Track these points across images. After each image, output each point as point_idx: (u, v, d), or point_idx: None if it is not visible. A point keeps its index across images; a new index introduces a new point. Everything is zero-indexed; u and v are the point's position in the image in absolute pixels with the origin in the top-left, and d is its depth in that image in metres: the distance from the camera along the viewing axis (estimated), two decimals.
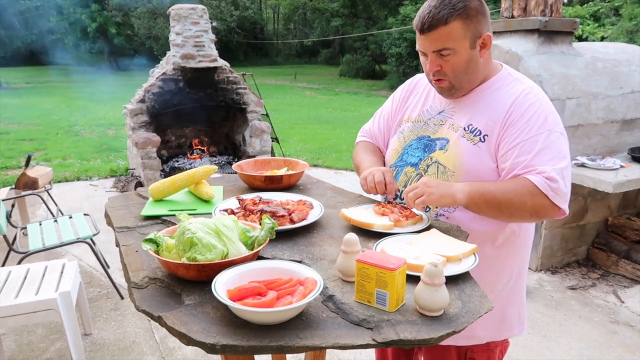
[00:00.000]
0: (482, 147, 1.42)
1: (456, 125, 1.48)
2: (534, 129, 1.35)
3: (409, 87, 1.70)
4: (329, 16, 28.21)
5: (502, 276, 1.53)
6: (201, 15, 6.06)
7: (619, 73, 3.91)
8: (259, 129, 6.40)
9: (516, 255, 1.54)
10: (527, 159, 1.33)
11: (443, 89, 1.47)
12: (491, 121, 1.42)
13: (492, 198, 1.32)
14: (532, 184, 1.30)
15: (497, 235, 1.47)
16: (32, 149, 8.52)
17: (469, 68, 1.41)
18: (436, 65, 1.41)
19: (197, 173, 1.67)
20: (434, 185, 1.32)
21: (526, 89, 1.42)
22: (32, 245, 3.21)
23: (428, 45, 1.39)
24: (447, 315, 0.98)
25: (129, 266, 1.19)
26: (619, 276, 3.80)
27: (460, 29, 1.35)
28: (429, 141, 1.53)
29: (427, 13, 1.36)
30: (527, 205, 1.31)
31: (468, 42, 1.37)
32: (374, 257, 1.02)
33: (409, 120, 1.63)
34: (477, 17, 1.36)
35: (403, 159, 1.58)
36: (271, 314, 0.93)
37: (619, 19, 11.79)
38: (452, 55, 1.37)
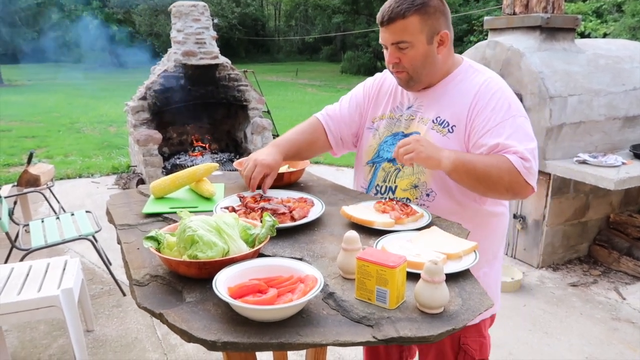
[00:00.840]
0: (451, 138, 1.50)
1: (425, 119, 1.56)
2: (500, 115, 1.43)
3: (379, 82, 1.76)
4: (331, 13, 28.17)
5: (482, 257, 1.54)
6: (202, 12, 6.05)
7: (621, 70, 3.89)
8: (260, 126, 6.40)
9: (494, 235, 1.61)
10: (500, 143, 1.40)
11: (402, 80, 1.54)
12: (457, 112, 1.50)
13: (473, 169, 1.38)
14: (510, 162, 1.37)
15: (473, 217, 1.53)
16: (34, 146, 8.54)
17: (426, 62, 1.48)
18: (395, 57, 1.49)
19: (198, 171, 1.67)
20: (424, 145, 1.36)
21: (487, 79, 1.50)
22: (34, 242, 3.22)
23: (387, 37, 1.47)
24: (447, 312, 0.98)
25: (130, 263, 1.19)
26: (620, 273, 3.80)
27: (418, 24, 1.43)
28: (403, 136, 1.59)
29: (387, 7, 1.45)
30: (504, 181, 1.37)
31: (425, 37, 1.45)
32: (375, 254, 1.02)
33: (383, 117, 1.69)
34: (436, 15, 1.45)
35: (380, 155, 1.65)
36: (272, 311, 0.93)
37: (622, 15, 11.73)
38: (409, 48, 1.45)
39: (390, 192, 1.60)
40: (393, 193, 1.59)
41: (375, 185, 1.65)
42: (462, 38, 17.02)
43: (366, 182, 1.70)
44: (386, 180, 1.62)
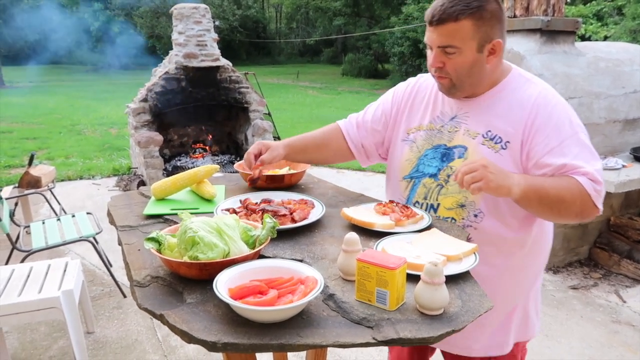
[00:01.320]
0: (504, 155, 1.37)
1: (472, 132, 1.43)
2: (563, 132, 1.33)
3: (413, 89, 1.63)
4: (332, 15, 28.20)
5: (528, 279, 1.53)
6: (204, 15, 6.07)
7: (622, 73, 3.90)
8: (261, 128, 6.41)
9: (540, 256, 1.53)
10: (567, 163, 1.30)
11: (443, 86, 1.43)
12: (511, 127, 1.37)
13: (545, 195, 1.27)
14: (581, 185, 1.27)
15: (526, 240, 1.44)
16: (35, 147, 8.55)
17: (472, 71, 1.36)
18: (439, 61, 1.37)
19: (199, 172, 1.68)
20: (494, 172, 1.21)
21: (542, 92, 1.39)
22: (35, 244, 3.22)
23: (434, 39, 1.35)
24: (447, 314, 0.98)
25: (131, 265, 1.20)
26: (621, 276, 3.79)
27: (470, 29, 1.30)
28: (446, 150, 1.46)
29: (439, 6, 1.31)
30: (576, 205, 1.28)
31: (476, 44, 1.32)
32: (375, 256, 1.03)
33: (420, 128, 1.55)
34: (491, 21, 1.32)
35: (419, 169, 1.52)
36: (272, 313, 0.93)
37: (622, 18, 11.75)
38: (456, 54, 1.33)
39: (432, 210, 1.48)
40: (435, 211, 1.47)
41: (414, 202, 1.52)
42: None
43: (403, 198, 1.56)
44: (427, 198, 1.49)
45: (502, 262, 1.44)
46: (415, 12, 18.25)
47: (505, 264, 1.45)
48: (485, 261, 1.34)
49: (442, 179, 1.46)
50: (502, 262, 1.44)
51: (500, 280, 1.45)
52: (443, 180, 1.45)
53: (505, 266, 1.45)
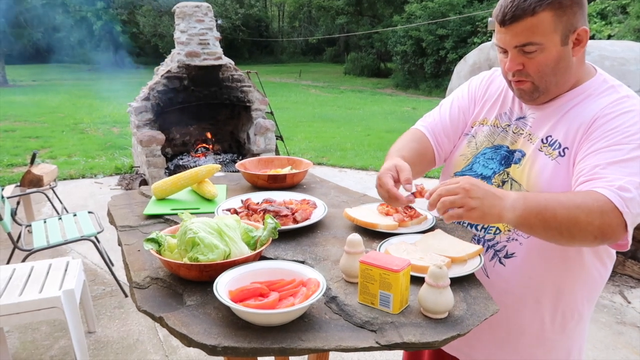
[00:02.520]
0: (562, 163, 1.20)
1: (534, 136, 1.27)
2: (619, 137, 1.12)
3: (488, 80, 1.46)
4: (334, 14, 28.20)
5: (575, 310, 1.32)
6: (206, 13, 6.05)
7: (627, 71, 3.87)
8: (263, 127, 6.40)
9: (589, 289, 1.32)
10: (599, 164, 1.10)
11: (524, 91, 1.24)
12: (572, 131, 1.20)
13: (551, 217, 1.04)
14: (604, 197, 1.03)
15: (577, 261, 1.26)
16: (38, 146, 8.56)
17: (558, 68, 1.19)
18: (517, 63, 1.20)
19: (200, 172, 1.66)
20: (479, 196, 1.03)
21: (622, 98, 1.19)
22: (36, 243, 3.21)
23: (509, 39, 1.18)
24: (452, 317, 0.96)
25: (130, 266, 1.18)
26: (625, 276, 3.77)
27: (551, 21, 1.14)
28: (508, 152, 1.32)
29: (510, 2, 1.15)
30: (594, 225, 1.03)
31: (559, 37, 1.15)
32: (378, 258, 1.01)
33: (484, 122, 1.40)
34: (573, 8, 1.15)
35: (473, 168, 1.37)
36: (273, 316, 0.91)
37: (627, 16, 11.70)
38: (538, 52, 1.16)
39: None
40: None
41: None
42: (466, 39, 17.01)
43: None
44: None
45: (543, 285, 1.28)
46: (417, 11, 18.21)
47: (546, 289, 1.29)
48: (524, 280, 1.26)
49: (496, 184, 1.31)
50: (543, 286, 1.28)
51: (538, 306, 1.30)
52: (496, 185, 1.30)
53: (545, 291, 1.29)
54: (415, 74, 19.45)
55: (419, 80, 19.23)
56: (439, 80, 18.08)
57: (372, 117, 12.39)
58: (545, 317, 1.31)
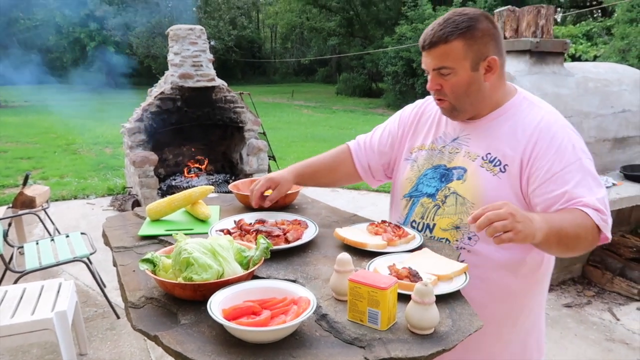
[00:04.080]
0: (503, 178, 1.37)
1: (473, 154, 1.43)
2: (565, 158, 1.30)
3: (420, 109, 1.64)
4: (326, 35, 28.56)
5: (524, 307, 1.49)
6: (199, 36, 6.15)
7: (610, 92, 3.98)
8: (256, 147, 6.45)
9: (537, 284, 1.50)
10: (568, 191, 1.27)
11: (444, 109, 1.44)
12: (511, 150, 1.37)
13: (565, 236, 1.22)
14: (590, 219, 1.24)
15: (520, 266, 1.41)
16: (30, 167, 8.54)
17: (470, 91, 1.37)
18: (436, 84, 1.39)
19: (194, 193, 1.70)
20: (521, 220, 1.12)
21: (545, 115, 1.37)
22: (28, 265, 3.21)
23: (429, 62, 1.38)
24: (437, 333, 1.00)
25: (126, 286, 1.21)
26: (614, 294, 3.81)
27: (461, 49, 1.32)
28: (446, 170, 1.47)
29: (430, 30, 1.35)
30: (589, 239, 1.26)
31: (469, 63, 1.34)
32: (366, 276, 1.04)
33: (422, 148, 1.57)
34: (484, 39, 1.33)
35: (418, 189, 1.53)
36: (265, 333, 0.94)
37: (611, 38, 11.98)
38: (452, 75, 1.35)
39: (428, 230, 1.48)
40: (431, 231, 1.47)
41: (412, 221, 1.53)
42: None
43: (402, 217, 1.58)
44: (424, 217, 1.49)
45: (495, 287, 1.41)
46: (408, 32, 18.50)
47: (499, 290, 1.42)
48: (477, 286, 1.33)
49: (440, 199, 1.46)
50: (496, 288, 1.42)
51: (492, 304, 1.42)
52: (440, 200, 1.46)
53: (497, 290, 1.42)
54: (407, 94, 19.65)
55: (410, 100, 18.99)
56: None
57: None
58: (499, 316, 1.43)
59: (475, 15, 1.34)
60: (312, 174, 1.69)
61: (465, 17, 1.33)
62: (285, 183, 1.61)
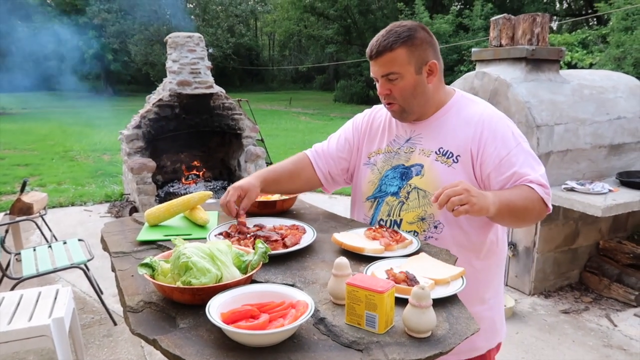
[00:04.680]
0: (457, 168, 1.52)
1: (427, 150, 1.58)
2: (508, 144, 1.49)
3: (370, 117, 1.78)
4: (324, 43, 28.65)
5: (490, 286, 1.63)
6: (197, 43, 6.17)
7: (605, 100, 4.00)
8: (254, 154, 6.46)
9: (497, 263, 1.65)
10: (516, 172, 1.46)
11: (395, 112, 1.58)
12: (461, 142, 1.52)
13: (515, 208, 1.41)
14: (535, 192, 1.43)
15: (481, 247, 1.56)
16: (27, 174, 8.52)
17: (416, 92, 1.52)
18: (386, 89, 1.52)
19: (193, 199, 1.70)
20: (476, 195, 1.30)
21: (485, 109, 1.56)
22: (25, 271, 3.20)
23: (377, 70, 1.52)
24: (434, 336, 1.00)
25: (124, 290, 1.21)
26: (611, 300, 3.82)
27: (405, 56, 1.47)
28: (405, 169, 1.60)
29: (375, 41, 1.50)
30: (536, 210, 1.44)
31: (413, 67, 1.49)
32: (364, 280, 1.05)
33: (379, 152, 1.69)
34: (423, 46, 1.49)
35: (382, 189, 1.65)
36: (263, 336, 0.95)
37: (607, 46, 12.06)
38: (399, 79, 1.49)
39: (396, 226, 1.59)
40: (399, 227, 1.58)
41: (379, 220, 1.63)
42: (453, 68, 17.34)
43: (367, 217, 1.68)
44: (390, 214, 1.60)
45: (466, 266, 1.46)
46: None
47: (466, 271, 1.45)
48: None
49: (403, 196, 1.58)
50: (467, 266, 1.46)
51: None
52: (404, 197, 1.58)
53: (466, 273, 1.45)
54: None
55: None
56: None
57: None
58: (468, 294, 1.44)
59: (413, 26, 1.50)
60: (275, 180, 1.72)
61: (405, 28, 1.49)
62: (254, 189, 1.62)
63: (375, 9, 26.60)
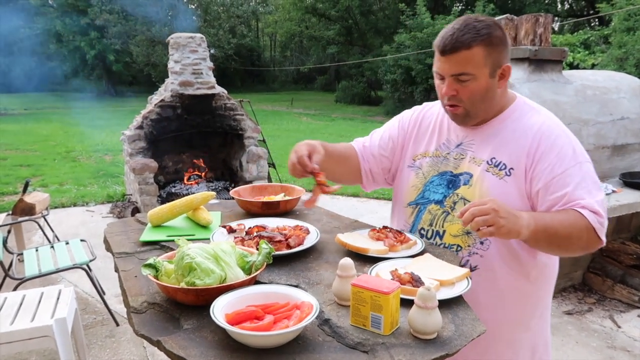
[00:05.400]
0: (509, 181, 1.38)
1: (478, 159, 1.44)
2: (566, 161, 1.33)
3: (419, 116, 1.64)
4: (325, 44, 28.66)
5: (536, 310, 1.51)
6: (199, 44, 6.17)
7: (608, 100, 3.99)
8: (255, 154, 6.46)
9: (547, 287, 1.52)
10: (568, 193, 1.30)
11: (457, 115, 1.42)
12: (515, 154, 1.38)
13: (554, 234, 1.26)
14: (586, 220, 1.27)
15: (531, 269, 1.43)
16: (29, 174, 8.53)
17: (486, 97, 1.38)
18: (452, 89, 1.37)
19: (196, 199, 1.70)
20: (504, 216, 1.17)
21: (546, 120, 1.40)
22: (28, 272, 3.20)
23: (447, 68, 1.35)
24: (440, 338, 1.00)
25: (128, 291, 1.21)
26: (615, 301, 3.80)
27: (482, 56, 1.32)
28: (453, 177, 1.47)
29: (450, 35, 1.32)
30: (583, 240, 1.29)
31: (488, 70, 1.34)
32: (369, 281, 1.05)
33: (426, 155, 1.56)
34: (500, 47, 1.34)
35: (425, 196, 1.52)
36: (268, 338, 0.94)
37: (609, 46, 12.04)
38: (471, 81, 1.34)
39: (438, 237, 1.48)
40: (441, 238, 1.47)
41: (420, 228, 1.52)
42: None
43: (408, 224, 1.57)
44: (433, 224, 1.49)
45: (508, 291, 1.43)
46: (407, 41, 18.57)
47: (510, 293, 1.43)
48: (490, 290, 1.36)
49: (448, 205, 1.46)
50: (509, 291, 1.43)
51: (504, 309, 1.44)
52: (449, 207, 1.45)
53: (510, 295, 1.43)
54: (405, 102, 19.70)
55: (408, 107, 19.39)
56: None
57: None
58: (512, 319, 1.44)
59: (491, 23, 1.35)
60: (330, 155, 1.53)
61: (484, 24, 1.33)
62: (319, 146, 1.44)
63: (376, 10, 26.59)
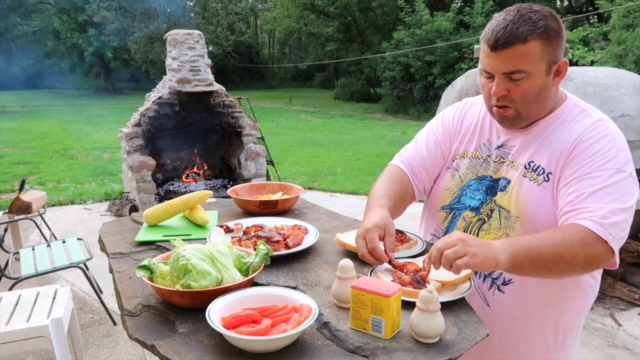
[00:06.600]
0: (547, 188, 1.24)
1: (517, 163, 1.31)
2: (599, 163, 1.17)
3: (461, 114, 1.48)
4: (324, 41, 28.62)
5: (572, 331, 1.38)
6: (197, 41, 6.13)
7: (609, 97, 3.96)
8: (254, 152, 6.43)
9: (586, 305, 1.37)
10: (580, 195, 1.15)
11: (506, 117, 1.27)
12: (555, 157, 1.24)
13: (538, 256, 1.10)
14: (585, 229, 1.10)
15: (569, 287, 1.31)
16: (27, 172, 8.49)
17: (540, 96, 1.22)
18: (503, 89, 1.22)
19: (192, 198, 1.67)
20: (474, 244, 1.07)
21: (596, 122, 1.24)
22: (24, 271, 3.17)
23: (499, 65, 1.19)
24: (443, 342, 0.97)
25: (122, 293, 1.18)
26: (615, 299, 3.79)
27: (539, 51, 1.17)
28: (492, 182, 1.34)
29: (502, 28, 1.17)
30: (579, 258, 1.10)
31: (545, 66, 1.19)
32: (369, 283, 1.02)
33: (465, 155, 1.43)
34: (557, 40, 1.19)
35: (461, 201, 1.39)
36: (266, 342, 0.92)
37: (608, 43, 12.02)
38: (525, 79, 1.19)
39: None
40: None
41: None
42: (454, 65, 17.32)
43: (440, 229, 1.44)
44: (467, 232, 1.35)
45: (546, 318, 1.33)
46: (406, 38, 18.54)
47: (552, 306, 1.32)
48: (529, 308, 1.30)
49: (485, 213, 1.34)
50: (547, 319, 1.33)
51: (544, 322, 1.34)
52: (485, 214, 1.34)
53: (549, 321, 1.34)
54: (404, 99, 19.70)
55: (408, 105, 19.47)
56: (428, 105, 18.32)
57: (362, 141, 12.48)
58: (548, 338, 1.34)
59: (547, 13, 1.19)
60: (393, 208, 1.37)
61: (540, 15, 1.18)
62: (389, 222, 1.28)
63: (375, 7, 26.54)
